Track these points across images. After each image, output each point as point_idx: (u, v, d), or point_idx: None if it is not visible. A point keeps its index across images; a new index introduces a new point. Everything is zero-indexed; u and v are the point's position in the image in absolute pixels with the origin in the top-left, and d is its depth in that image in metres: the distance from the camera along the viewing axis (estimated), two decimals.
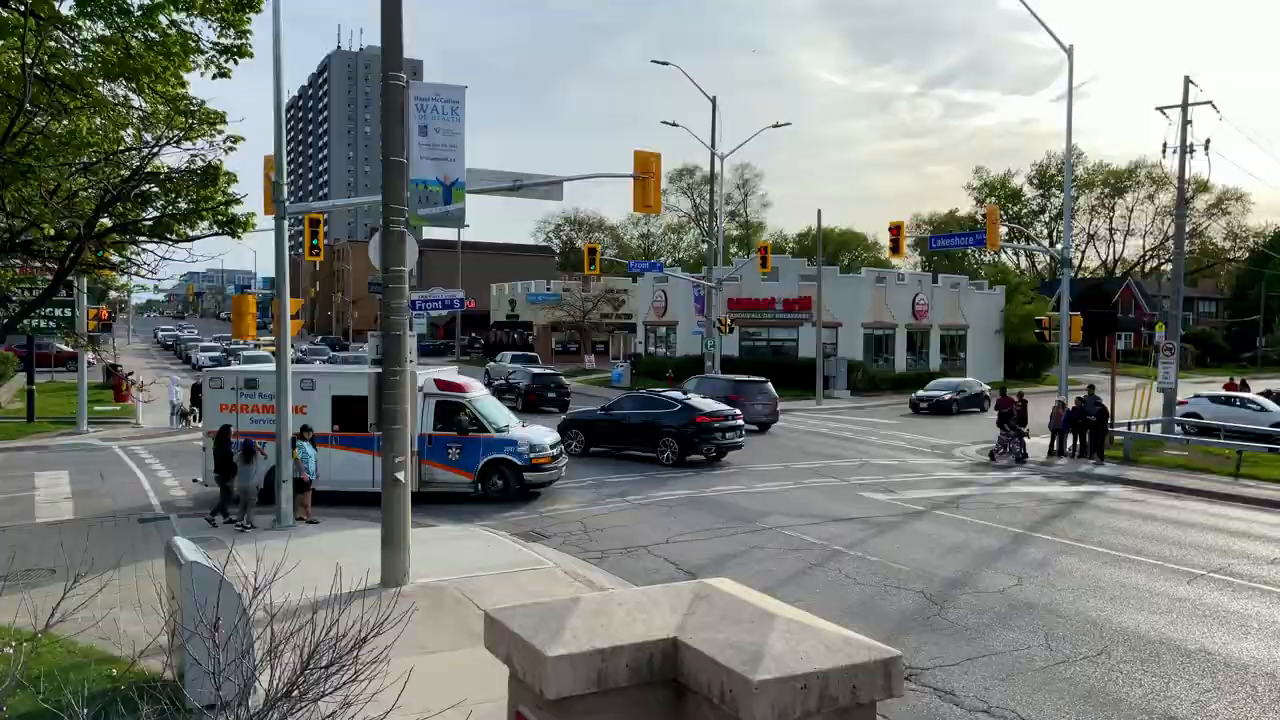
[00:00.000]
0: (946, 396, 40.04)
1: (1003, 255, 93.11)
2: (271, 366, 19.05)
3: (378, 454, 17.43)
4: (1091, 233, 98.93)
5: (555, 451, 20.04)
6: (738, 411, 25.95)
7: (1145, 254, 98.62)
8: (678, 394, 27.21)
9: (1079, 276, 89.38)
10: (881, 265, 75.90)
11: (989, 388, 42.83)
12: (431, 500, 18.61)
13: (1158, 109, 29.85)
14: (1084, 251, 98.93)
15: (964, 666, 10.23)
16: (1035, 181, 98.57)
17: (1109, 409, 26.84)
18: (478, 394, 20.09)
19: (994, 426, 28.92)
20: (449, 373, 21.04)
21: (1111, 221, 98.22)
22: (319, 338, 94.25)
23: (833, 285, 48.34)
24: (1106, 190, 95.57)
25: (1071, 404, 26.76)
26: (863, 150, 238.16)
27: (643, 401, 26.54)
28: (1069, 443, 26.59)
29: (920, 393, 41.00)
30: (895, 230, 30.55)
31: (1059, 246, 49.78)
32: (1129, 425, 27.75)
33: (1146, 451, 26.51)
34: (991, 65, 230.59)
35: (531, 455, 19.24)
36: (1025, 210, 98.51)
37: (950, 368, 53.86)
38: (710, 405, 25.53)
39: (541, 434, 20.26)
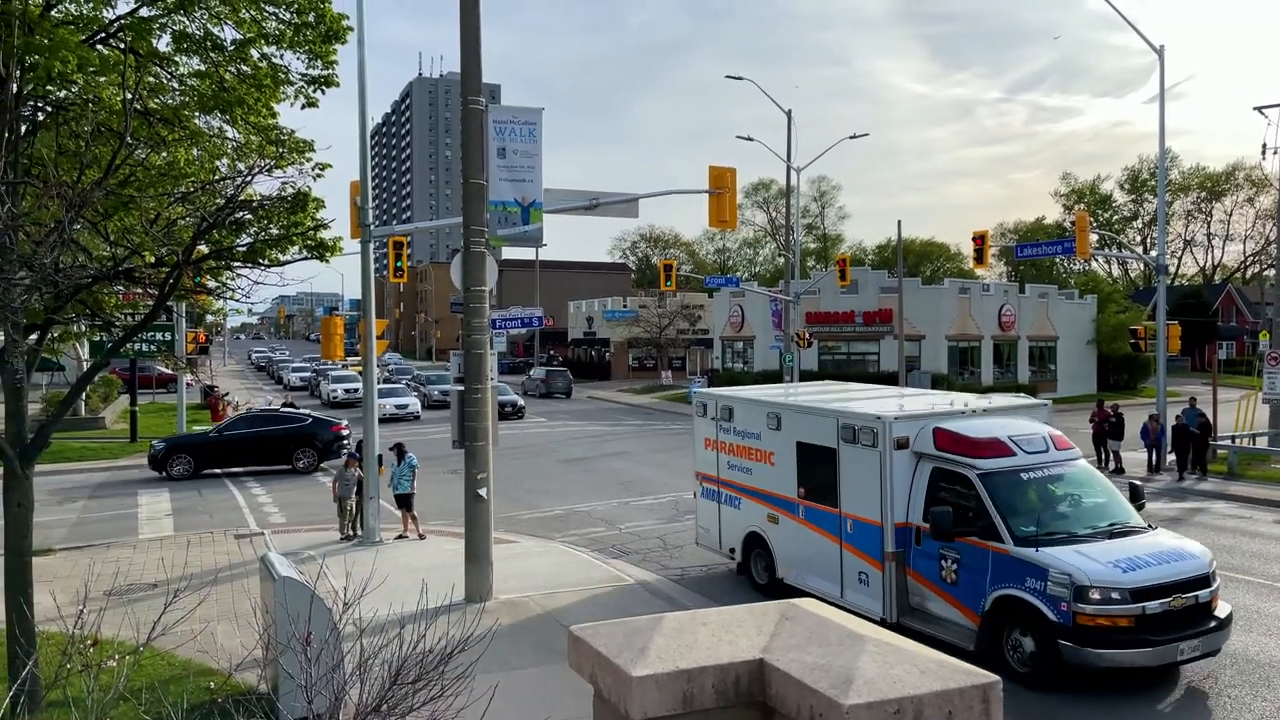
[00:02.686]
0: None
1: (1093, 263, 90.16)
2: (754, 393, 15.18)
3: (849, 547, 12.11)
4: (1188, 238, 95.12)
5: (1162, 606, 9.76)
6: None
7: (1246, 259, 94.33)
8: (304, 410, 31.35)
9: (1175, 284, 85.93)
10: (965, 276, 74.17)
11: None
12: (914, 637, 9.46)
13: (1256, 109, 28.61)
14: (1180, 258, 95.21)
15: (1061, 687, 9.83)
16: (1127, 187, 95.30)
17: (1211, 421, 25.66)
18: (1008, 462, 11.09)
19: (1089, 441, 27.92)
20: (976, 419, 12.00)
21: (1209, 226, 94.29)
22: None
23: (914, 297, 47.41)
24: (1203, 194, 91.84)
25: (1173, 420, 25.62)
26: (944, 159, 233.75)
27: (265, 419, 28.80)
28: (1169, 458, 25.49)
29: None
30: (979, 240, 29.82)
31: (1153, 253, 48.01)
32: (1233, 439, 26.48)
33: (1252, 466, 25.25)
34: (1079, 68, 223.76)
35: (1078, 606, 9.59)
36: (1117, 217, 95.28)
37: (1039, 380, 52.30)
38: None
39: (1136, 557, 10.10)
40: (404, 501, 17.55)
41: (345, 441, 28.02)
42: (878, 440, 11.63)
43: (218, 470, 26.36)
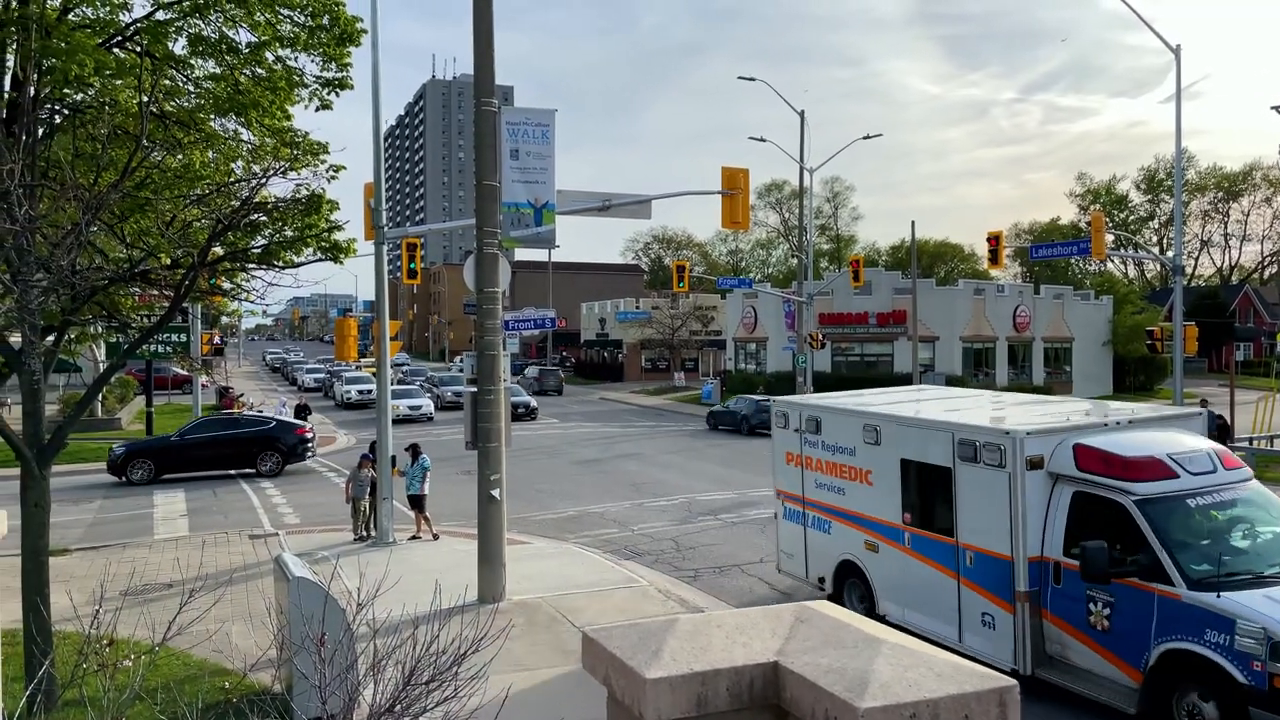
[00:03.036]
0: None
1: (1109, 264, 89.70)
2: (847, 403, 13.37)
3: (969, 583, 10.50)
4: (1205, 239, 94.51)
5: None
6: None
7: (1264, 259, 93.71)
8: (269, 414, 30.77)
9: (1192, 285, 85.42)
10: (979, 277, 73.91)
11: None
12: (1055, 697, 9.69)
13: (1273, 108, 28.37)
14: (1197, 259, 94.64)
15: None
16: (1143, 187, 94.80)
17: (1229, 423, 25.46)
18: (1171, 486, 9.44)
19: None
20: (1123, 432, 10.35)
21: (1226, 226, 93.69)
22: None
23: (928, 298, 47.27)
24: (1220, 194, 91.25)
25: None
26: (958, 159, 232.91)
27: (227, 423, 28.21)
28: None
29: None
30: (994, 240, 29.69)
31: (1170, 254, 47.69)
32: (1250, 440, 26.27)
33: (1270, 468, 25.04)
34: (1094, 67, 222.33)
35: (1276, 666, 7.99)
36: (1133, 217, 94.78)
37: (1055, 381, 52.06)
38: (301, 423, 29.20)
39: None
40: (416, 502, 17.60)
41: (310, 445, 27.61)
42: (1005, 459, 9.97)
43: (179, 475, 25.85)
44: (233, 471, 26.50)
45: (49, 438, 9.01)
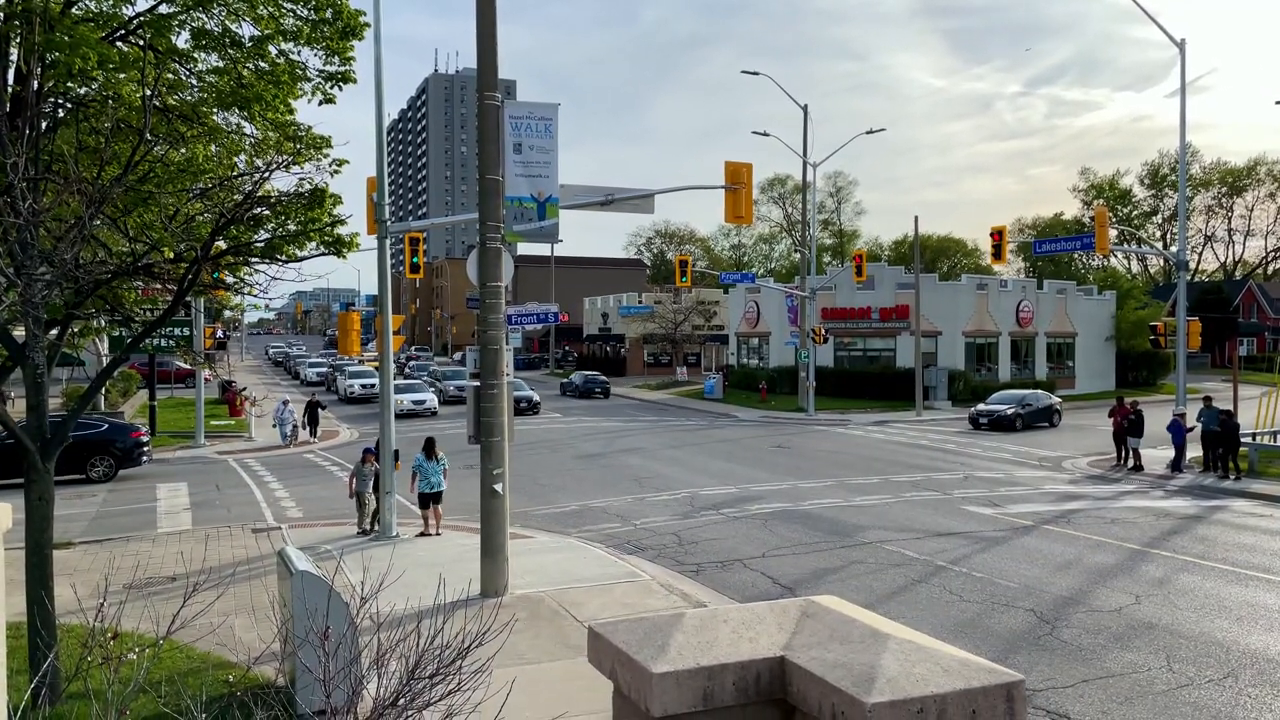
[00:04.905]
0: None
1: (1113, 259, 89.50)
2: None
3: None
4: (1209, 234, 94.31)
5: None
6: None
7: (1268, 255, 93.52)
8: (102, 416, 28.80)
9: (1196, 280, 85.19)
10: (982, 272, 73.82)
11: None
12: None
13: (1278, 102, 28.24)
14: (1201, 254, 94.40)
15: (1079, 689, 9.78)
16: (1147, 182, 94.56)
17: (1238, 420, 25.38)
18: None
19: (1108, 438, 27.76)
20: None
21: (1230, 222, 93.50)
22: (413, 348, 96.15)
23: (931, 293, 47.19)
24: (1224, 189, 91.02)
25: (1192, 421, 25.31)
26: (962, 154, 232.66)
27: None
28: (1188, 457, 25.22)
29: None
30: (997, 235, 29.62)
31: (1174, 249, 47.56)
32: (1254, 436, 26.21)
33: (1274, 464, 25.00)
34: (1099, 61, 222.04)
35: None
36: (1136, 212, 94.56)
37: (1058, 377, 52.01)
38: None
39: None
40: (425, 501, 17.62)
41: (145, 448, 25.86)
42: None
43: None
44: (60, 478, 23.10)
45: (52, 431, 9.01)
